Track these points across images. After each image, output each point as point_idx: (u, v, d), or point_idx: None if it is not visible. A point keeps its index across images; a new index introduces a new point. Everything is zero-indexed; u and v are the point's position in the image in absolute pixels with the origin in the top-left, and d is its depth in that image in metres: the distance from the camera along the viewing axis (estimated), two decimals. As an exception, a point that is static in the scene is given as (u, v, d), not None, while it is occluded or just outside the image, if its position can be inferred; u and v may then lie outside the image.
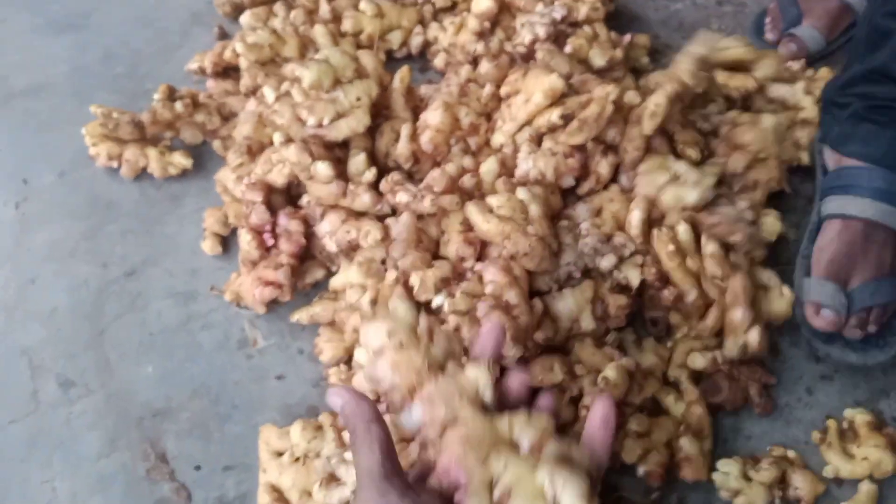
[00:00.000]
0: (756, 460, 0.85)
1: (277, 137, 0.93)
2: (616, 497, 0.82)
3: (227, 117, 1.13)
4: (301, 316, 0.92)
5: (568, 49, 1.03)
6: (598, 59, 1.05)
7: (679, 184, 0.90)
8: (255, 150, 1.03)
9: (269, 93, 0.98)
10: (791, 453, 0.86)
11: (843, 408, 0.89)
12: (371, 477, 0.52)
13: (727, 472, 0.84)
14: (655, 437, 0.84)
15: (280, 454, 0.81)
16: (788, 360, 0.93)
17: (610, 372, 0.81)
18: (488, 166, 0.95)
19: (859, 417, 0.87)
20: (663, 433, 0.84)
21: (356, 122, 0.95)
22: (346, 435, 0.81)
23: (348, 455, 0.76)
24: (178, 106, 1.08)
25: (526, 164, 0.94)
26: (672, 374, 0.89)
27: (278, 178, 0.96)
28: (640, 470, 0.82)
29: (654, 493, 0.83)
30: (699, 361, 0.87)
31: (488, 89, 1.02)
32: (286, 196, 1.01)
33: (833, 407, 0.90)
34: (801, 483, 0.83)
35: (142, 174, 1.11)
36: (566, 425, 0.81)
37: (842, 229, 0.88)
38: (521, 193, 0.88)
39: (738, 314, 0.86)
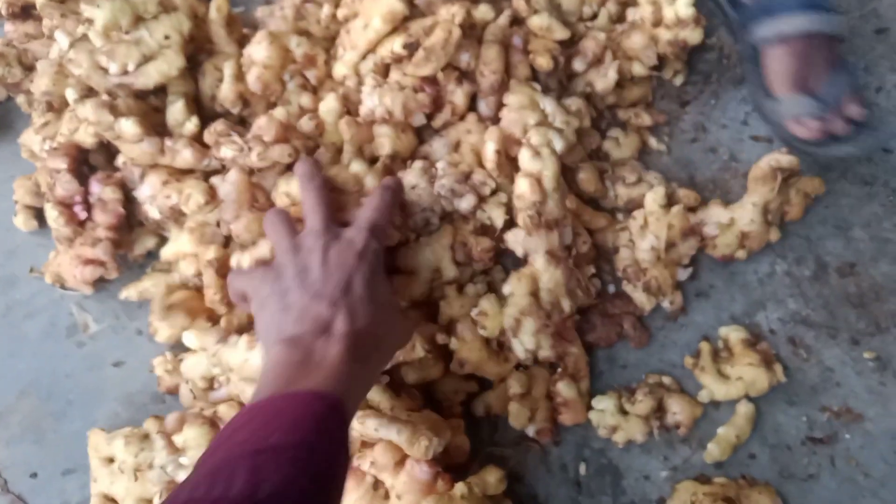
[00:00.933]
0: (632, 391, 0.81)
1: (71, 93, 0.80)
2: (486, 452, 0.78)
3: (32, 67, 0.97)
4: (129, 293, 0.82)
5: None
6: None
7: (546, 126, 0.81)
8: (59, 107, 0.89)
9: (61, 38, 0.83)
10: (666, 379, 0.83)
11: (718, 325, 0.86)
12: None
13: (603, 409, 0.80)
14: (536, 393, 0.79)
15: (112, 460, 0.73)
16: (664, 283, 0.89)
17: (484, 303, 0.76)
18: (328, 105, 0.84)
19: (733, 335, 0.85)
20: (542, 384, 0.80)
21: (167, 65, 0.82)
22: (176, 439, 0.73)
23: (184, 459, 0.69)
24: (-34, 58, 0.92)
25: (371, 101, 0.84)
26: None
27: (86, 138, 0.83)
28: (531, 431, 0.78)
29: (524, 441, 0.79)
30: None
31: (327, 10, 0.90)
32: (106, 154, 0.88)
33: (709, 326, 0.87)
34: (677, 409, 0.81)
35: (-63, 142, 0.95)
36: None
37: (787, 49, 0.89)
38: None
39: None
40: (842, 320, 0.86)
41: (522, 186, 0.77)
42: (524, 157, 0.78)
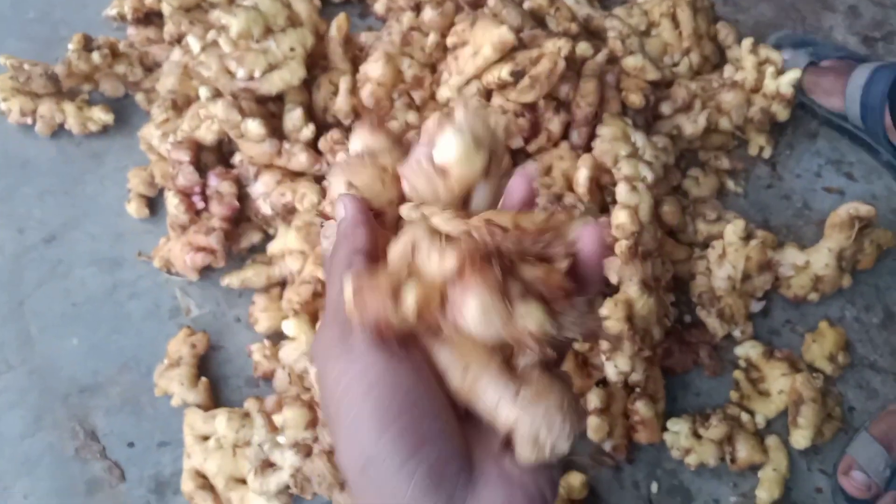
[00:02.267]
0: (706, 417, 0.84)
1: (204, 92, 0.86)
2: (566, 460, 0.81)
3: (151, 68, 1.04)
4: (231, 280, 0.87)
5: (527, 4, 0.97)
6: (554, 24, 0.98)
7: (636, 159, 0.86)
8: (181, 105, 0.95)
9: (193, 42, 0.90)
10: (745, 416, 0.86)
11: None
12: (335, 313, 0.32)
13: (677, 431, 0.83)
14: (615, 409, 0.83)
15: (206, 438, 0.77)
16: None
17: None
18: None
19: (752, 352, 0.88)
20: (620, 402, 0.83)
21: (290, 75, 0.88)
22: (275, 418, 0.76)
23: (281, 439, 0.73)
24: (96, 56, 0.99)
25: (474, 121, 0.89)
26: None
27: (207, 135, 0.89)
28: (608, 445, 0.81)
29: (603, 454, 0.82)
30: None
31: (433, 38, 0.96)
32: (217, 154, 0.94)
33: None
34: (741, 447, 0.83)
35: (59, 131, 1.02)
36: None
37: None
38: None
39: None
40: (908, 368, 0.89)
41: (622, 217, 0.81)
42: (622, 191, 0.82)
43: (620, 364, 0.79)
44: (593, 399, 0.81)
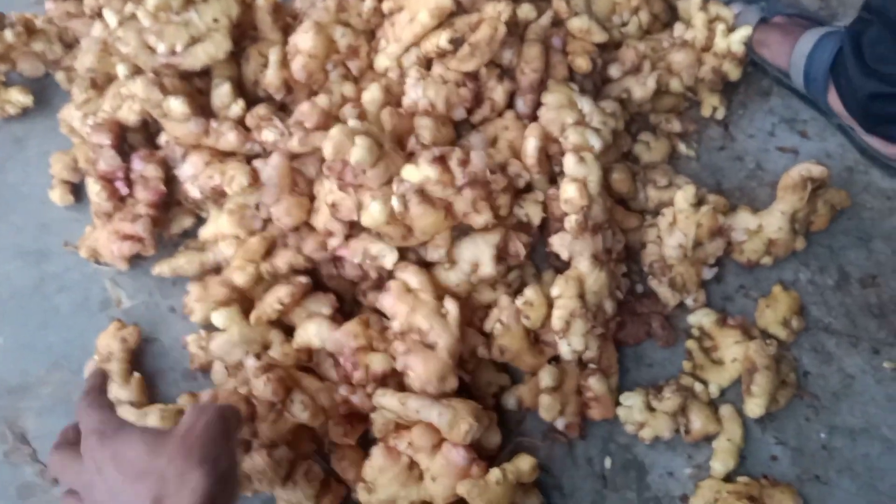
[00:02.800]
0: (659, 389, 0.83)
1: (122, 69, 0.81)
2: (516, 442, 0.79)
3: (71, 45, 0.98)
4: (163, 269, 0.83)
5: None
6: None
7: (583, 126, 0.82)
8: (101, 84, 0.90)
9: (110, 17, 0.84)
10: (699, 387, 0.84)
11: (743, 331, 0.88)
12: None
13: (630, 405, 0.82)
14: (567, 387, 0.80)
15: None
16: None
17: (530, 293, 0.77)
18: (371, 94, 0.85)
19: (705, 320, 0.86)
20: (573, 380, 0.81)
21: (215, 48, 0.83)
22: None
23: None
24: (9, 34, 0.93)
25: (414, 93, 0.85)
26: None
27: (129, 115, 0.84)
28: (560, 424, 0.79)
29: (556, 432, 0.80)
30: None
31: (369, 3, 0.91)
32: (144, 134, 0.89)
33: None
34: (695, 418, 0.81)
35: (-26, 115, 0.96)
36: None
37: None
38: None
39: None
40: (863, 329, 0.88)
41: (570, 191, 0.77)
42: (569, 163, 0.79)
43: (574, 343, 0.76)
44: (545, 378, 0.79)
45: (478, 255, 0.79)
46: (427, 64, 0.88)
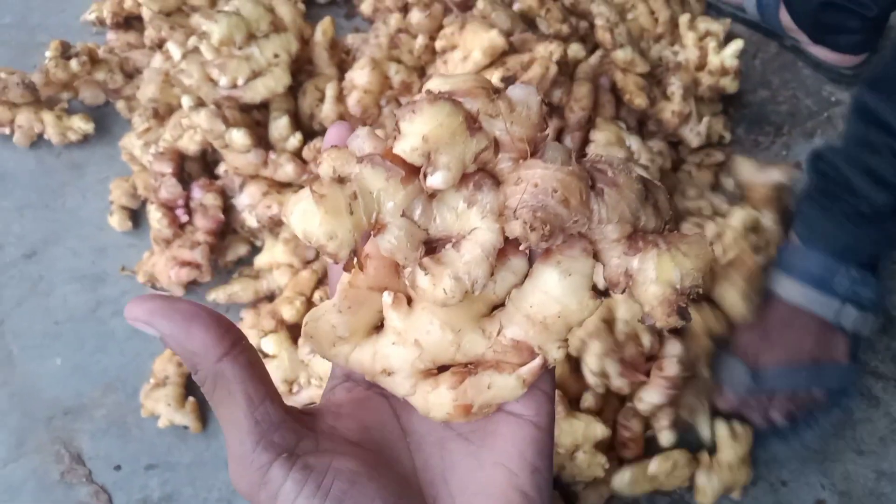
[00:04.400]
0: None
1: (186, 101, 0.83)
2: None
3: (132, 74, 1.01)
4: (218, 295, 0.85)
5: (517, 6, 0.94)
6: (545, 26, 0.95)
7: (632, 162, 0.84)
8: (163, 114, 0.92)
9: (174, 49, 0.87)
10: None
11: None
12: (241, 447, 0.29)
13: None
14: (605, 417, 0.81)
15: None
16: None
17: None
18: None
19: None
20: (609, 411, 0.81)
21: (275, 82, 0.86)
22: None
23: None
24: (74, 63, 0.96)
25: (466, 129, 0.87)
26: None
27: (190, 145, 0.87)
28: None
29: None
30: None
31: (421, 41, 0.94)
32: (201, 164, 0.92)
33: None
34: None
35: (38, 141, 0.99)
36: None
37: (768, 309, 0.83)
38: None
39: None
40: (910, 373, 0.88)
41: None
42: None
43: (589, 362, 0.76)
44: (587, 398, 0.79)
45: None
46: (478, 101, 0.90)
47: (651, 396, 0.77)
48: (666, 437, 0.78)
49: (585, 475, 0.76)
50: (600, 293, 0.29)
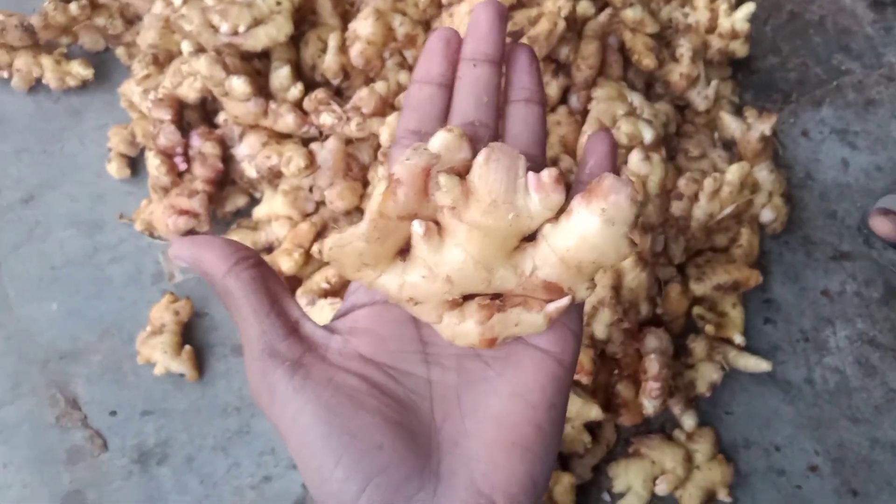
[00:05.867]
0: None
1: (186, 46, 0.82)
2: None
3: (132, 20, 0.99)
4: (218, 248, 0.84)
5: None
6: None
7: (635, 118, 0.83)
8: (162, 61, 0.91)
9: (175, -7, 0.86)
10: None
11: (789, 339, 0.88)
12: (251, 352, 0.30)
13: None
14: (599, 381, 0.81)
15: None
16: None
17: None
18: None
19: None
20: (603, 375, 0.81)
21: (276, 30, 0.84)
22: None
23: None
24: (74, 7, 0.94)
25: (468, 82, 0.85)
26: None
27: (189, 92, 0.85)
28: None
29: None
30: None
31: (427, -6, 0.92)
32: (201, 112, 0.90)
33: (780, 339, 0.88)
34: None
35: (36, 85, 0.98)
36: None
37: None
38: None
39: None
40: (908, 344, 0.87)
41: None
42: (634, 159, 0.79)
43: (597, 331, 0.76)
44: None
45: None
46: (484, 56, 0.89)
47: (650, 403, 0.77)
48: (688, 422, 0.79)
49: (566, 448, 0.77)
50: (634, 243, 0.28)
